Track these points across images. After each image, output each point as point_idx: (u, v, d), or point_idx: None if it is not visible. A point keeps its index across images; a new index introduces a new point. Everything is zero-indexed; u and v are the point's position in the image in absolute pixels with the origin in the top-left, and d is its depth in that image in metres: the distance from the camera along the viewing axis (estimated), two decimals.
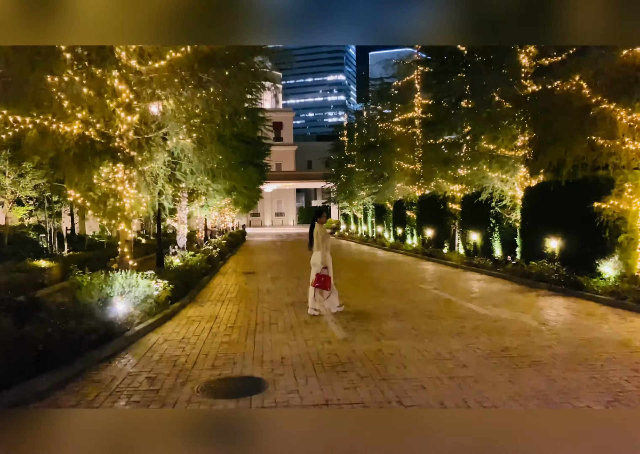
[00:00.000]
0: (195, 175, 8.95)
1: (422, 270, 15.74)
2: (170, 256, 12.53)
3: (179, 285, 9.91)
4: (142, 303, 7.40)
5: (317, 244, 8.57)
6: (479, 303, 9.59)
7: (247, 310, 9.20)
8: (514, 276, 12.71)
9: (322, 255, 8.49)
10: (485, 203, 14.61)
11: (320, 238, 8.56)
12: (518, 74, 13.30)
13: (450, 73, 16.20)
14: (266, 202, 70.66)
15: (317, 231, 8.59)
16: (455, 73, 16.11)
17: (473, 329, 7.42)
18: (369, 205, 31.16)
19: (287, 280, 13.33)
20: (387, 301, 9.94)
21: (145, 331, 7.35)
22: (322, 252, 8.49)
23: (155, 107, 8.86)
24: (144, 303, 7.43)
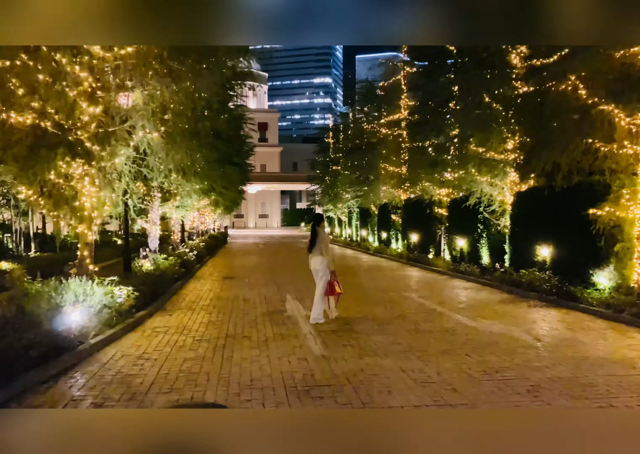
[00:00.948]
0: (163, 173, 8.20)
1: (407, 277, 15.16)
2: (141, 260, 11.76)
3: (146, 291, 9.17)
4: (99, 314, 6.66)
5: (320, 249, 8.27)
6: (468, 314, 9.01)
7: (219, 320, 8.50)
8: (503, 284, 12.18)
9: (329, 260, 8.35)
10: (473, 208, 14.09)
11: (325, 243, 8.32)
12: (509, 75, 12.82)
13: (438, 73, 15.72)
14: (250, 203, 69.78)
15: (322, 236, 8.36)
16: (444, 73, 15.64)
17: (463, 345, 6.82)
18: (354, 208, 30.61)
19: (266, 287, 12.64)
20: (370, 311, 9.31)
21: (102, 345, 6.61)
22: (329, 257, 8.36)
23: (122, 98, 8.12)
24: (101, 314, 6.69)
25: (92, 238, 7.87)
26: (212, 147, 12.39)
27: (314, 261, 8.36)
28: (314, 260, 8.36)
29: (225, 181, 17.46)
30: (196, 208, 18.88)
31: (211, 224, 34.92)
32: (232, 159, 17.11)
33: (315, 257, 8.33)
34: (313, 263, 8.38)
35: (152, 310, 8.97)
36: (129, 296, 8.18)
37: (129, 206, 8.36)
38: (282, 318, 8.62)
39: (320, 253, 8.27)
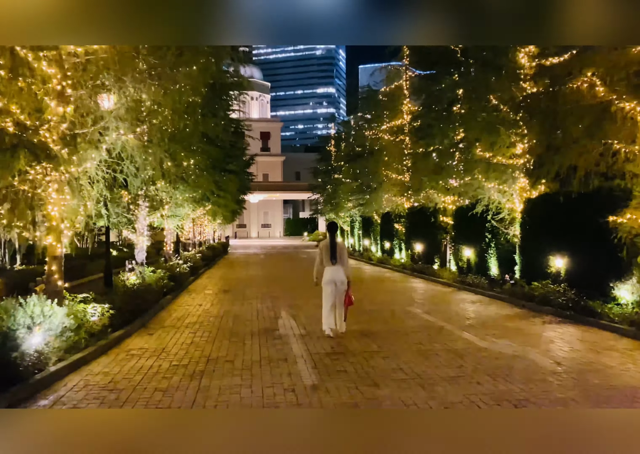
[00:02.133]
0: (140, 179, 7.48)
1: (411, 289, 14.34)
2: (126, 273, 11.02)
3: (126, 308, 8.41)
4: (61, 337, 5.90)
5: (341, 259, 7.81)
6: (478, 332, 8.20)
7: (204, 340, 7.72)
8: (514, 298, 11.35)
9: (349, 270, 7.95)
10: (480, 217, 13.30)
11: (345, 253, 7.91)
12: (516, 75, 12.09)
13: (442, 75, 15.01)
14: (252, 213, 69.15)
15: (342, 246, 7.96)
16: (448, 75, 14.93)
17: (473, 370, 6.01)
18: (356, 217, 29.85)
19: (260, 301, 11.86)
20: (371, 329, 8.51)
21: (66, 372, 5.85)
22: (348, 268, 7.94)
23: (96, 97, 7.41)
24: (63, 337, 5.92)
25: (62, 251, 7.13)
26: (204, 152, 11.67)
27: (335, 272, 7.77)
28: (335, 271, 7.77)
29: (220, 189, 16.74)
30: (191, 218, 18.15)
31: (211, 234, 34.20)
32: (227, 166, 16.42)
33: (336, 268, 7.79)
34: (333, 274, 7.76)
35: (131, 329, 8.20)
36: (104, 314, 7.42)
37: (108, 215, 7.61)
38: (273, 337, 7.83)
39: (341, 264, 7.82)
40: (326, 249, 7.85)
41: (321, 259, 7.93)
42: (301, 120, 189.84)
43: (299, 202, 79.12)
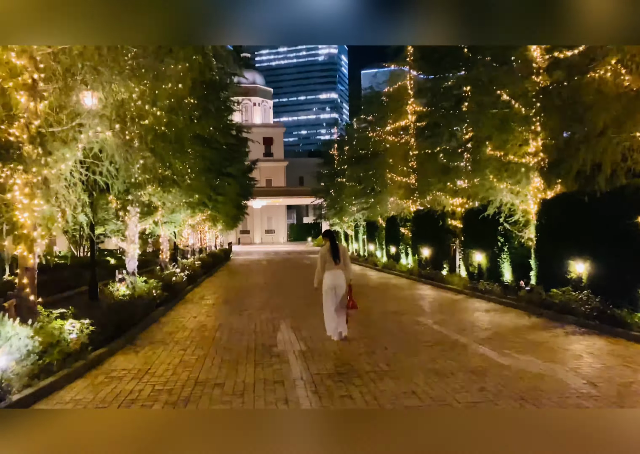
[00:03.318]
0: (122, 181, 6.78)
1: (420, 297, 13.58)
2: (116, 284, 10.32)
3: (110, 323, 7.71)
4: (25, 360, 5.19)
5: (343, 261, 7.84)
6: (496, 345, 7.44)
7: (193, 358, 6.99)
8: (530, 305, 10.58)
9: (350, 273, 7.95)
10: (491, 219, 12.53)
11: (345, 257, 7.95)
12: (528, 69, 11.36)
13: (449, 71, 14.31)
14: (256, 218, 68.56)
15: (344, 250, 8.07)
16: (455, 70, 14.25)
17: (497, 394, 5.26)
18: (360, 221, 29.10)
19: (259, 312, 11.13)
20: (378, 343, 7.76)
21: (32, 401, 5.13)
22: (349, 271, 7.95)
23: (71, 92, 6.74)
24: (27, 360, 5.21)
25: (34, 262, 6.44)
26: (198, 154, 10.98)
27: (336, 276, 7.76)
28: (336, 275, 7.76)
29: (218, 194, 16.05)
30: (189, 224, 17.47)
31: (212, 240, 33.54)
32: (225, 170, 15.73)
33: (338, 272, 7.78)
34: (336, 278, 7.74)
35: (115, 347, 7.48)
36: (82, 331, 6.72)
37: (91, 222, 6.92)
38: (271, 355, 7.10)
39: (343, 268, 7.84)
40: (328, 252, 7.84)
41: (322, 264, 7.86)
42: (304, 126, 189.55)
43: (302, 207, 78.49)
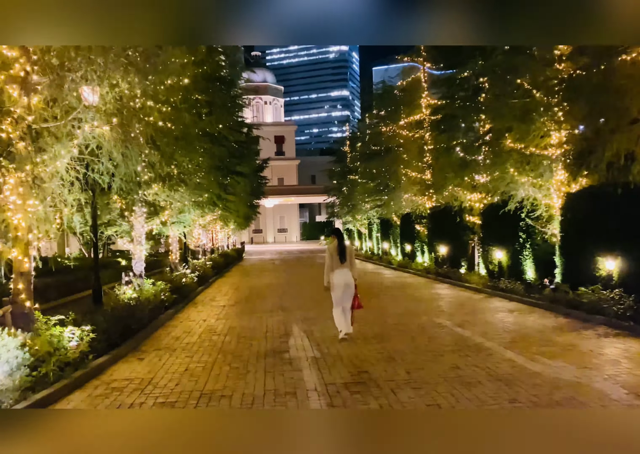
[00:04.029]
0: (119, 180, 6.37)
1: (437, 296, 13.06)
2: (123, 287, 9.96)
3: (113, 329, 7.33)
4: (15, 373, 4.81)
5: (349, 260, 7.95)
6: (523, 349, 6.93)
7: (200, 366, 6.58)
8: (556, 305, 10.03)
9: (356, 272, 8.07)
10: (512, 215, 11.98)
11: (352, 256, 8.08)
12: (550, 56, 10.78)
13: (466, 61, 13.72)
14: (268, 218, 68.33)
15: (351, 249, 8.16)
16: (472, 61, 13.66)
17: (531, 407, 4.75)
18: (374, 219, 28.57)
19: (271, 314, 10.71)
20: (396, 348, 7.29)
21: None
22: (355, 269, 8.07)
23: (86, 93, 6.38)
24: (17, 373, 4.83)
25: (30, 266, 6.07)
26: (205, 151, 10.57)
27: (344, 274, 7.85)
28: (344, 274, 7.85)
29: (228, 193, 15.64)
30: (199, 224, 17.12)
31: (224, 240, 33.23)
32: (235, 168, 15.32)
33: (345, 270, 7.86)
34: (343, 277, 7.83)
35: (119, 354, 7.10)
36: (83, 339, 6.34)
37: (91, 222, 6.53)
38: (282, 362, 6.66)
39: (349, 267, 7.93)
40: (335, 251, 7.91)
41: (330, 263, 7.93)
42: (316, 124, 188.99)
43: (315, 206, 78.07)
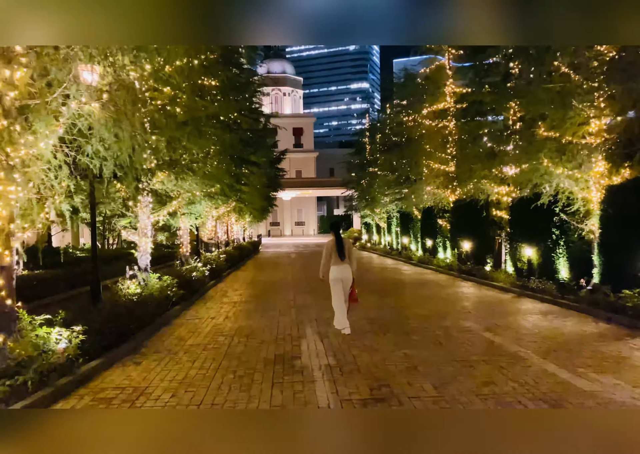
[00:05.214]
0: (111, 163, 5.69)
1: (462, 296, 12.24)
2: (126, 281, 9.36)
3: (110, 329, 6.71)
4: None
5: (348, 256, 7.91)
6: (566, 361, 6.12)
7: (201, 373, 5.91)
8: (595, 309, 9.16)
9: (355, 267, 8.03)
10: (544, 209, 11.09)
11: (352, 250, 8.03)
12: None
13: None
14: (286, 210, 67.76)
15: (348, 243, 8.07)
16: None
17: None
18: (393, 212, 27.69)
19: (283, 313, 10.02)
20: (420, 356, 6.53)
21: None
22: (354, 265, 8.03)
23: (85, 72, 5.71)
24: None
25: (12, 260, 5.44)
26: (216, 138, 9.85)
27: (342, 270, 7.85)
28: (342, 269, 7.85)
29: (242, 184, 14.96)
30: (212, 216, 16.50)
31: (240, 233, 32.68)
32: (248, 157, 14.60)
33: (344, 265, 7.84)
34: (341, 272, 7.85)
35: (114, 357, 6.48)
36: (71, 341, 5.72)
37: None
38: (293, 370, 5.95)
39: (348, 262, 7.89)
40: (334, 247, 7.87)
41: (328, 258, 7.94)
42: (335, 116, 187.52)
43: (333, 199, 77.29)
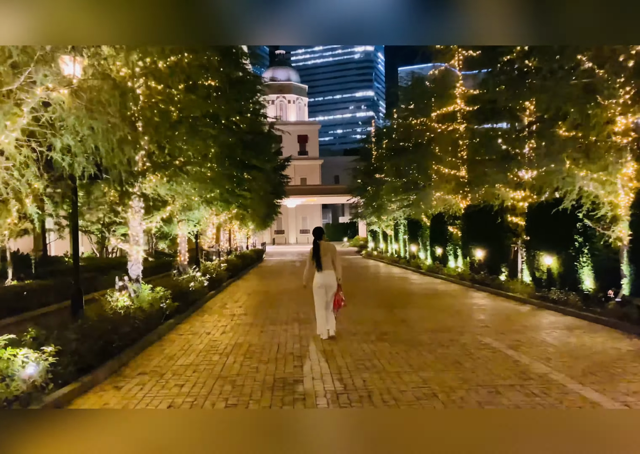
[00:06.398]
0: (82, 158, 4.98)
1: (477, 308, 11.45)
2: (115, 293, 8.64)
3: (89, 348, 5.97)
4: None
5: (328, 263, 7.86)
6: (607, 386, 5.32)
7: (189, 400, 5.15)
8: (625, 323, 8.37)
9: (340, 273, 7.96)
10: (565, 215, 10.31)
11: (334, 256, 7.96)
12: None
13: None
14: (290, 218, 67.15)
15: (328, 248, 7.97)
16: None
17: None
18: (401, 220, 26.91)
19: (285, 328, 9.27)
20: (436, 379, 5.75)
21: None
22: (339, 271, 7.95)
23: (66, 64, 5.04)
24: None
25: None
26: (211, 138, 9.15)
27: (325, 276, 7.85)
28: (325, 276, 7.85)
29: (243, 190, 14.27)
30: (213, 223, 15.80)
31: (243, 241, 31.99)
32: (249, 160, 13.90)
33: (327, 272, 7.85)
34: (325, 278, 7.84)
35: (92, 380, 5.73)
36: (39, 364, 4.99)
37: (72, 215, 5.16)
38: (293, 397, 5.19)
39: (331, 268, 7.88)
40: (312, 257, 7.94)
41: (310, 264, 8.00)
42: (340, 124, 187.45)
43: (338, 207, 76.65)
